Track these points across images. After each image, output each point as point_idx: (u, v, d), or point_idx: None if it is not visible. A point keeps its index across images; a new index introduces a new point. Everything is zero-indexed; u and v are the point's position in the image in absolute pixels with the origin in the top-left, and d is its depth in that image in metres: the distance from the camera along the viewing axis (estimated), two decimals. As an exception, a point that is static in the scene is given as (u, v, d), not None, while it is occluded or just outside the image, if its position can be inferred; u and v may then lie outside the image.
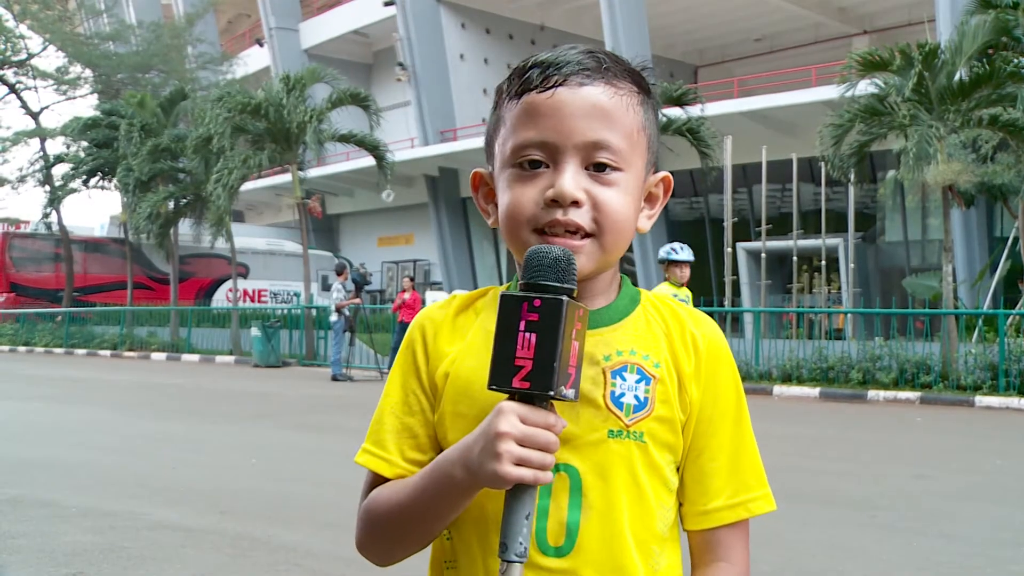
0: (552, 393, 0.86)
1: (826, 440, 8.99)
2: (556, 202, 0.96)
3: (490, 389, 0.89)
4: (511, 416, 0.88)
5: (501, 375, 0.87)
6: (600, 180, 0.98)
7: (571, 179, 0.96)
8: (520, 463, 0.87)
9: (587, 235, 0.98)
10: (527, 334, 0.86)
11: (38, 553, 4.40)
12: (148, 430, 8.98)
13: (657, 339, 1.04)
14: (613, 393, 1.00)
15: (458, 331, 1.06)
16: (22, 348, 24.21)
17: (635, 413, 1.00)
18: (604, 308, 1.04)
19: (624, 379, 1.00)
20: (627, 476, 0.99)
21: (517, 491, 0.88)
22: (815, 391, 12.91)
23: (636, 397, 1.00)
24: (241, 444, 8.22)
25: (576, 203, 0.96)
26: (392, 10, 30.49)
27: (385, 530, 1.03)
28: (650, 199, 1.08)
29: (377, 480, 1.07)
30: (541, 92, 0.98)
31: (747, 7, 29.01)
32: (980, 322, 14.71)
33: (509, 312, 0.88)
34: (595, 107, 0.98)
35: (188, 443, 8.27)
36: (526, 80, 1.00)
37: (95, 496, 5.73)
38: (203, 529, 4.95)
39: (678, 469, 1.04)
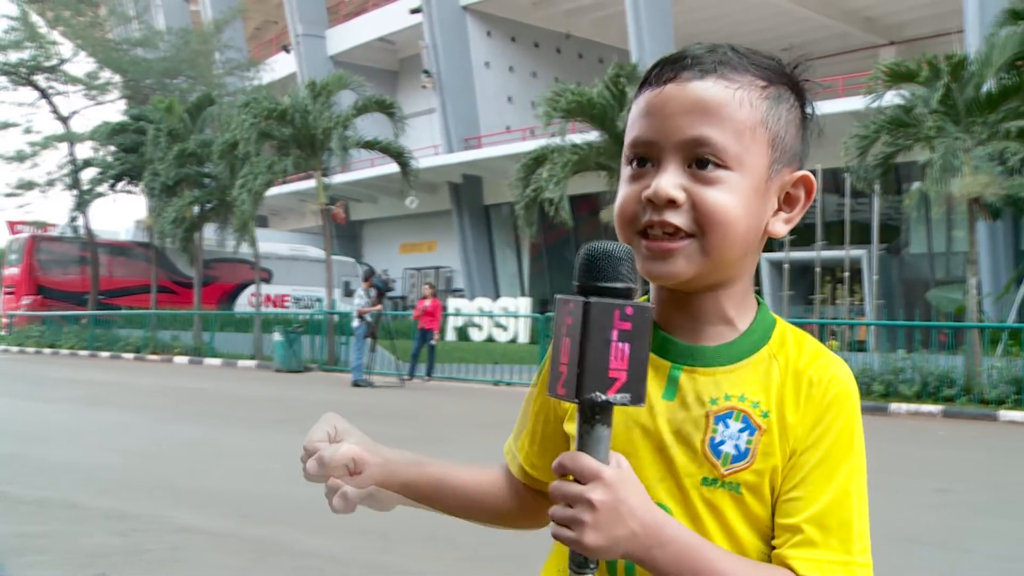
0: (578, 400, 0.79)
1: (848, 453, 8.92)
2: (653, 202, 0.92)
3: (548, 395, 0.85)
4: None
5: (551, 383, 0.82)
6: (702, 179, 0.92)
7: (667, 178, 0.92)
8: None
9: (688, 236, 0.92)
10: (566, 339, 0.81)
11: (62, 554, 4.46)
12: (171, 433, 9.07)
13: (771, 383, 0.96)
14: (713, 439, 0.94)
15: None
16: (48, 350, 24.50)
17: (733, 463, 0.93)
18: (727, 344, 0.98)
19: (727, 426, 0.94)
20: (718, 526, 0.94)
21: None
22: (837, 403, 12.80)
23: (736, 447, 0.93)
24: (263, 448, 8.28)
25: (672, 202, 0.92)
26: (418, 18, 30.69)
27: None
28: (788, 200, 1.03)
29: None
30: (653, 89, 0.96)
31: (774, 17, 28.95)
32: (1005, 336, 14.55)
33: (556, 316, 0.83)
34: (697, 103, 0.92)
35: (210, 447, 8.36)
36: (647, 77, 0.98)
37: (118, 498, 5.80)
38: (225, 533, 5.00)
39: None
